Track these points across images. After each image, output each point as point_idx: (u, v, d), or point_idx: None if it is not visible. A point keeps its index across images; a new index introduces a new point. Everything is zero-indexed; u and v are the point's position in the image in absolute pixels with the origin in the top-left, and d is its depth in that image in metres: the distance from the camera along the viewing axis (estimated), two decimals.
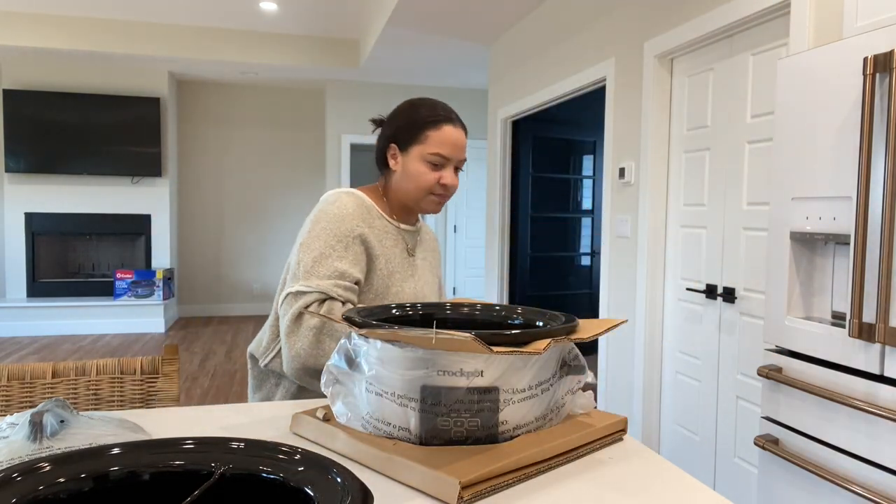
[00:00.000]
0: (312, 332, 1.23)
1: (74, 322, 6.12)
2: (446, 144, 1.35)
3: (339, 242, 1.29)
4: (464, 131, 1.40)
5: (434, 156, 1.35)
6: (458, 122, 1.40)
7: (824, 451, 1.55)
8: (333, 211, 1.31)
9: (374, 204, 1.40)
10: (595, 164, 5.51)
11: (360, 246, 1.31)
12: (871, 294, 1.42)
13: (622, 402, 3.24)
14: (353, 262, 1.30)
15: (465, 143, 1.40)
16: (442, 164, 1.36)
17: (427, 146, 1.35)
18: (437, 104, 1.40)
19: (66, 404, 0.89)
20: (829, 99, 1.55)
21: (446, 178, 1.37)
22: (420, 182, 1.36)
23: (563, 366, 0.93)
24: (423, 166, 1.36)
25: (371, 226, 1.36)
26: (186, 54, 5.78)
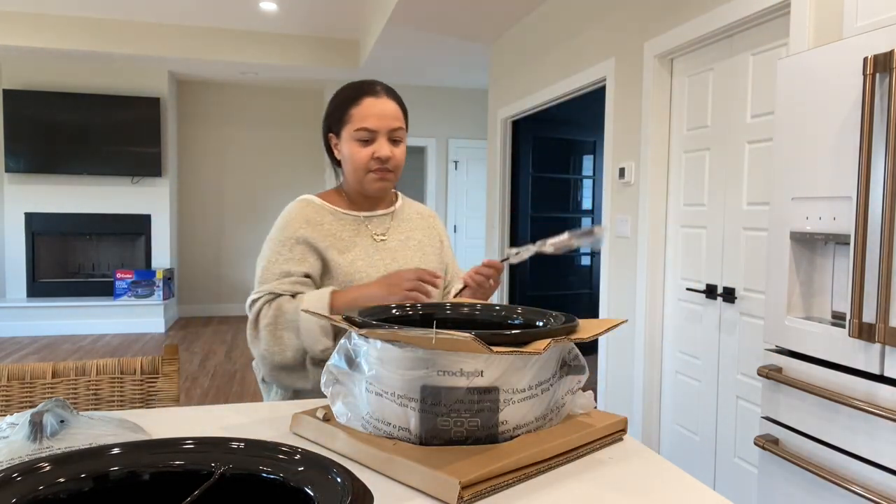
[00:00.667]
0: (267, 329, 1.27)
1: (74, 322, 6.12)
2: (369, 117, 1.32)
3: (282, 247, 1.34)
4: (393, 100, 1.36)
5: (360, 131, 1.33)
6: (381, 92, 1.36)
7: (824, 451, 1.55)
8: (278, 222, 1.38)
9: (325, 203, 1.40)
10: (595, 164, 5.51)
11: (303, 246, 1.34)
12: (871, 294, 1.42)
13: (622, 402, 3.24)
14: (299, 261, 1.33)
15: (394, 111, 1.36)
16: (371, 139, 1.34)
17: (353, 124, 1.34)
18: (362, 81, 1.38)
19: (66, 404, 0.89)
20: (829, 99, 1.55)
21: (378, 151, 1.33)
22: (355, 162, 1.35)
23: (563, 366, 0.93)
24: (355, 146, 1.34)
25: (318, 224, 1.37)
26: (186, 54, 5.78)
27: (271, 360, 1.28)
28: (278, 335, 1.27)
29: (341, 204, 1.43)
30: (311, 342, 1.25)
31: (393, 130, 1.35)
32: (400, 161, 1.38)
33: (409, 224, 1.49)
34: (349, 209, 1.42)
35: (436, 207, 7.15)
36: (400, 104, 1.38)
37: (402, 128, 1.37)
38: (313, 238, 1.34)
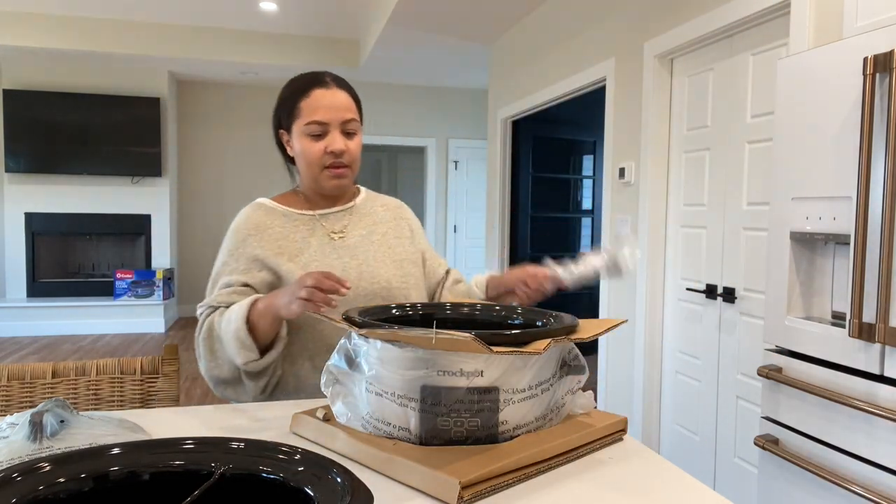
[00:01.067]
0: (203, 344, 1.23)
1: (74, 322, 6.12)
2: (319, 109, 1.25)
3: (229, 257, 1.29)
4: (344, 90, 1.29)
5: (311, 125, 1.26)
6: (331, 83, 1.28)
7: (824, 451, 1.55)
8: (229, 230, 1.33)
9: (278, 205, 1.34)
10: (595, 164, 5.51)
11: (248, 258, 1.27)
12: (871, 294, 1.42)
13: (622, 402, 3.24)
14: (243, 272, 1.27)
15: (346, 102, 1.28)
16: (324, 132, 1.26)
17: (303, 118, 1.26)
18: (311, 73, 1.31)
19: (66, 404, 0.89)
20: (829, 99, 1.55)
21: (332, 144, 1.25)
22: (308, 158, 1.28)
23: (563, 366, 0.93)
24: (306, 140, 1.27)
25: (267, 228, 1.30)
26: (186, 54, 5.78)
27: (210, 374, 1.23)
28: (213, 349, 1.22)
29: (296, 204, 1.36)
30: (233, 354, 1.18)
31: (346, 122, 1.27)
32: (355, 154, 1.31)
33: (372, 218, 1.40)
34: (304, 209, 1.34)
35: (436, 207, 7.15)
36: (352, 94, 1.31)
37: (356, 119, 1.29)
38: (260, 247, 1.28)
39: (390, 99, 6.90)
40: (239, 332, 1.15)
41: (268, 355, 1.19)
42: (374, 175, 9.10)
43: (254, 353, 1.16)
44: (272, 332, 1.18)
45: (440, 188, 7.15)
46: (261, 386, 1.22)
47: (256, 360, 1.17)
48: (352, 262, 1.31)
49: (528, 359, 0.85)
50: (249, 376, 1.21)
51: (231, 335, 1.16)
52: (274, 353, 1.19)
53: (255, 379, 1.21)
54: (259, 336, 1.16)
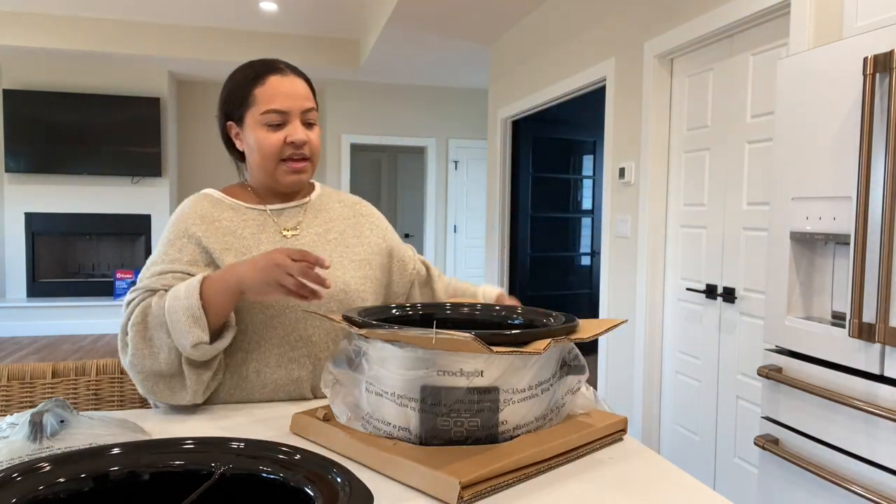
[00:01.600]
0: (135, 330, 1.07)
1: (74, 322, 6.12)
2: (277, 97, 1.15)
3: (170, 247, 1.17)
4: (300, 78, 1.20)
5: (268, 114, 1.16)
6: (287, 70, 1.19)
7: (824, 451, 1.55)
8: (170, 219, 1.22)
9: (225, 196, 1.23)
10: (595, 164, 5.51)
11: (193, 246, 1.16)
12: (871, 294, 1.42)
13: (622, 402, 3.24)
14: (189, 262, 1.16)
15: (304, 91, 1.19)
16: (283, 122, 1.16)
17: (258, 107, 1.16)
18: (261, 60, 1.21)
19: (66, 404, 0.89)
20: (829, 99, 1.55)
21: (293, 134, 1.16)
22: (265, 150, 1.17)
23: (563, 366, 0.93)
24: (262, 131, 1.16)
25: (214, 220, 1.19)
26: (186, 54, 5.78)
27: (142, 366, 1.07)
28: (148, 336, 1.07)
29: (246, 198, 1.25)
30: (180, 335, 1.04)
31: (306, 112, 1.18)
32: (316, 147, 1.21)
33: (328, 215, 1.29)
34: (254, 203, 1.24)
35: (435, 207, 7.15)
36: (309, 83, 1.22)
37: (315, 109, 1.21)
38: (206, 239, 1.17)
39: (390, 99, 6.90)
40: (192, 308, 1.03)
41: (219, 341, 1.08)
42: (373, 175, 9.09)
43: (205, 335, 1.04)
44: (224, 315, 1.07)
45: (440, 188, 7.15)
46: (203, 380, 1.09)
47: (207, 343, 1.05)
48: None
49: (528, 359, 0.85)
50: (192, 366, 1.08)
51: (180, 312, 1.04)
52: (225, 340, 1.09)
53: (197, 370, 1.08)
54: (212, 315, 1.05)
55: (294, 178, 1.20)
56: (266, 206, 1.24)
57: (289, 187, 1.21)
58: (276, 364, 1.16)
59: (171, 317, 1.05)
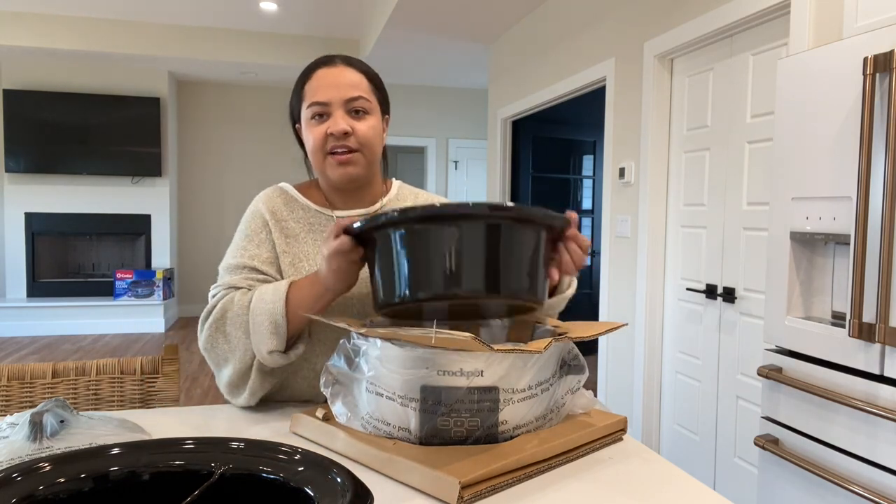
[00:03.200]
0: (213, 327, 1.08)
1: (74, 322, 6.12)
2: (320, 88, 1.10)
3: (250, 242, 1.15)
4: (353, 68, 1.13)
5: (311, 108, 1.11)
6: (339, 62, 1.13)
7: (824, 451, 1.55)
8: (247, 211, 1.20)
9: (299, 195, 1.19)
10: (595, 164, 5.51)
11: (269, 240, 1.15)
12: (871, 294, 1.42)
13: (622, 402, 3.24)
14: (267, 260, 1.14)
15: (353, 79, 1.12)
16: (325, 113, 1.10)
17: (305, 102, 1.13)
18: (323, 56, 1.16)
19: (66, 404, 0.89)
20: (829, 99, 1.55)
21: (332, 126, 1.09)
22: (310, 144, 1.12)
23: (563, 366, 0.93)
24: (309, 126, 1.12)
25: (282, 219, 1.16)
26: (186, 54, 5.78)
27: (215, 355, 1.09)
28: (226, 332, 1.07)
29: (316, 198, 1.21)
30: (259, 339, 1.03)
31: (351, 100, 1.10)
32: (366, 136, 1.11)
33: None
34: (323, 205, 1.19)
35: None
36: (367, 74, 1.15)
37: (365, 97, 1.12)
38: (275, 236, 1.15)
39: (390, 99, 6.90)
40: (275, 314, 1.01)
41: (293, 351, 1.06)
42: None
43: (282, 344, 1.03)
44: (304, 324, 1.05)
45: (440, 188, 7.15)
46: (266, 387, 1.09)
47: (281, 352, 1.04)
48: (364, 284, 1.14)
49: (528, 358, 0.85)
50: (260, 371, 1.06)
51: (264, 316, 1.02)
52: (298, 350, 1.07)
53: (263, 376, 1.07)
54: (293, 325, 1.03)
55: (340, 171, 1.11)
56: (333, 210, 1.19)
57: (339, 183, 1.13)
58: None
59: (255, 319, 1.03)
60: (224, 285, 1.11)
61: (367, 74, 1.15)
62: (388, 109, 1.21)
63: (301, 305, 1.02)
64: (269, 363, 1.04)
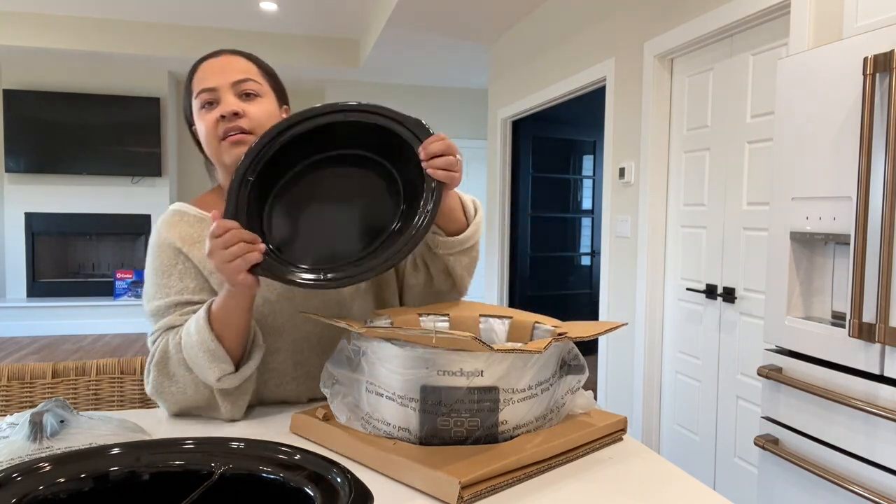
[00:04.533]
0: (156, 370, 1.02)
1: (74, 322, 6.12)
2: (206, 77, 1.06)
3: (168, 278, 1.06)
4: (240, 56, 1.10)
5: (200, 95, 1.06)
6: (224, 52, 1.10)
7: (824, 451, 1.55)
8: (151, 245, 1.10)
9: (199, 211, 1.12)
10: (595, 164, 5.51)
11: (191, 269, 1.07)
12: (871, 294, 1.42)
13: (622, 402, 3.24)
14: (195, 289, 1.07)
15: (238, 64, 1.08)
16: (214, 100, 1.06)
17: (193, 94, 1.08)
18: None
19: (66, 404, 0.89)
20: (829, 99, 1.55)
21: (222, 108, 1.05)
22: (202, 133, 1.07)
23: (563, 366, 0.93)
24: (200, 116, 1.07)
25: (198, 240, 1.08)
26: (186, 54, 5.79)
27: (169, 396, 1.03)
28: (170, 374, 1.02)
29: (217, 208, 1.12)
30: (203, 372, 0.99)
31: (238, 83, 1.06)
32: (259, 119, 1.06)
33: None
34: None
35: None
36: (254, 61, 1.11)
37: (255, 80, 1.08)
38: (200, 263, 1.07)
39: (390, 99, 6.90)
40: (206, 342, 0.97)
41: (245, 366, 1.01)
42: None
43: (228, 365, 0.98)
44: (242, 334, 1.00)
45: None
46: (240, 406, 1.04)
47: (232, 372, 0.99)
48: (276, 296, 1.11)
49: (528, 358, 0.85)
50: (225, 396, 1.02)
51: (197, 348, 0.97)
52: (252, 362, 1.02)
53: (230, 398, 1.02)
54: (228, 341, 0.98)
55: (236, 152, 1.04)
56: None
57: (231, 168, 1.06)
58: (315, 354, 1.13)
59: (189, 354, 0.99)
60: (162, 328, 1.04)
61: (256, 62, 1.11)
62: (287, 101, 1.15)
63: (227, 319, 0.97)
64: (228, 386, 1.01)
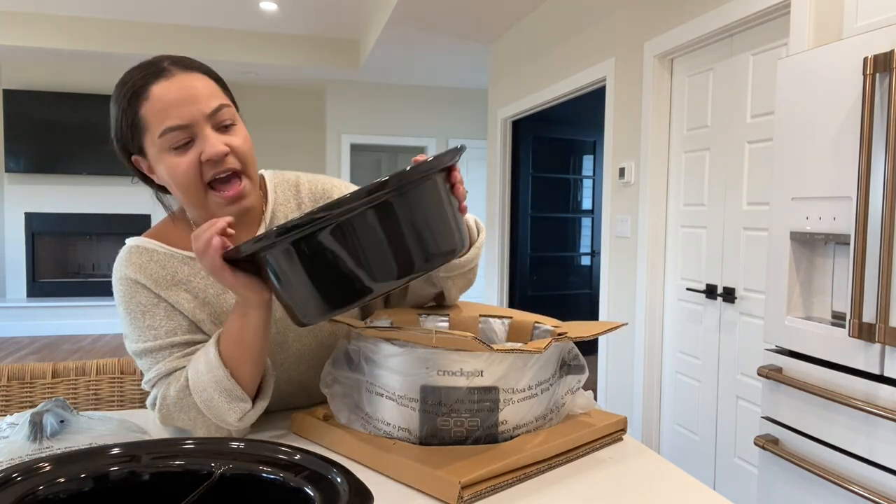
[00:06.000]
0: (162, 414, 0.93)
1: (74, 322, 6.12)
2: (169, 109, 0.88)
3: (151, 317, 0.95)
4: (195, 72, 0.92)
5: (167, 136, 0.89)
6: (174, 69, 0.90)
7: (824, 451, 1.55)
8: (118, 290, 0.97)
9: (165, 247, 0.99)
10: (595, 164, 5.51)
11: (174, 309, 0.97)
12: (871, 294, 1.42)
13: (622, 402, 3.24)
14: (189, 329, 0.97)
15: (204, 88, 0.90)
16: (189, 138, 0.90)
17: (152, 131, 0.90)
18: (138, 67, 0.92)
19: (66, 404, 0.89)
20: (829, 99, 1.55)
21: (206, 149, 0.89)
22: (180, 180, 0.91)
23: (563, 366, 0.93)
24: (169, 157, 0.90)
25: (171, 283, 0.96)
26: (186, 54, 5.78)
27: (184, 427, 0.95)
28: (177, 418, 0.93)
29: (185, 241, 1.00)
30: (220, 414, 0.90)
31: (214, 113, 0.90)
32: (244, 151, 0.93)
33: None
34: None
35: None
36: (209, 74, 0.94)
37: (227, 104, 0.93)
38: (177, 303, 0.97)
39: (390, 99, 6.90)
40: (220, 380, 0.88)
41: (261, 401, 0.93)
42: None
43: (246, 402, 0.90)
44: (258, 365, 0.91)
45: None
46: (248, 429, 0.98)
47: (251, 409, 0.91)
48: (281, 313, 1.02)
49: (527, 358, 0.85)
50: (241, 431, 0.94)
51: (210, 390, 0.88)
52: (267, 393, 0.94)
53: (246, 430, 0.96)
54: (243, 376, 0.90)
55: (234, 210, 0.93)
56: None
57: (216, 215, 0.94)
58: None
59: (202, 397, 0.89)
60: (162, 374, 0.94)
61: (211, 75, 0.94)
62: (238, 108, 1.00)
63: (241, 349, 0.88)
64: (247, 424, 0.93)
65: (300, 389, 1.11)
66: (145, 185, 1.00)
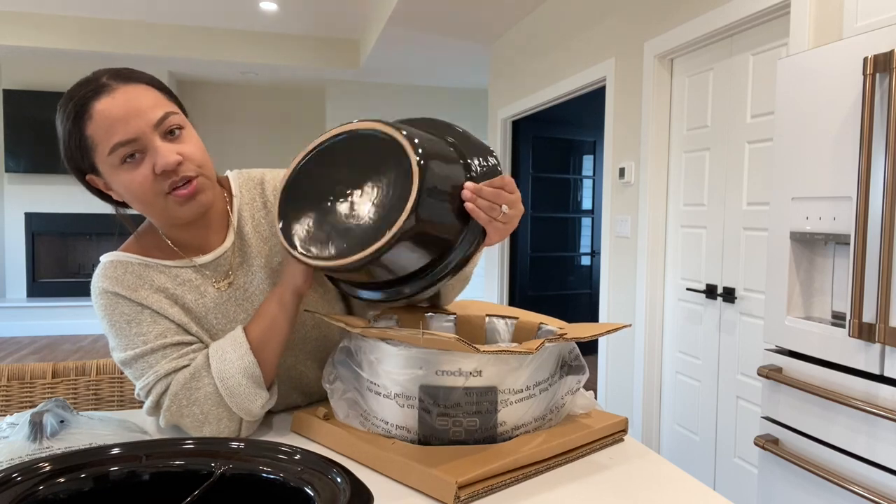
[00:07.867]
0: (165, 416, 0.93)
1: (74, 322, 6.12)
2: (115, 125, 0.86)
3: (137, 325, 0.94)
4: (136, 83, 0.90)
5: (115, 153, 0.87)
6: (113, 83, 0.88)
7: (824, 451, 1.55)
8: (100, 306, 0.96)
9: (142, 258, 0.98)
10: (595, 164, 5.51)
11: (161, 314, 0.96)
12: (871, 294, 1.42)
13: (622, 402, 3.24)
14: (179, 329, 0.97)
15: (146, 99, 0.89)
16: (140, 150, 0.88)
17: (100, 150, 0.88)
18: (77, 84, 0.89)
19: (66, 404, 0.89)
20: (829, 99, 1.55)
21: (159, 161, 0.88)
22: (137, 195, 0.90)
23: (563, 366, 0.93)
24: (123, 174, 0.89)
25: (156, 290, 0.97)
26: (186, 54, 5.78)
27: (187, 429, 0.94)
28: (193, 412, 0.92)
29: (163, 252, 1.00)
30: (243, 401, 0.91)
31: (160, 122, 0.89)
32: (196, 155, 0.92)
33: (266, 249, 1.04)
34: (173, 257, 1.00)
35: None
36: (151, 84, 0.92)
37: (173, 111, 0.91)
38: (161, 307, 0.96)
39: (390, 99, 6.90)
40: (249, 368, 0.90)
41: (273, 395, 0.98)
42: None
43: (266, 392, 0.94)
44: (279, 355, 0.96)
45: None
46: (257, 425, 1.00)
47: (269, 399, 0.95)
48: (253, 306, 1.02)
49: (524, 358, 0.85)
50: (251, 424, 0.95)
51: (239, 376, 0.90)
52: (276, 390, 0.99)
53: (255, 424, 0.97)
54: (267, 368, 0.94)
55: (193, 205, 0.92)
56: (192, 258, 1.00)
57: (194, 216, 0.94)
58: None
59: (228, 384, 0.90)
60: (161, 375, 0.92)
61: (154, 83, 0.93)
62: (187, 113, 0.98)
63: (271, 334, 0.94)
64: (259, 416, 0.95)
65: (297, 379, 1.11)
66: (104, 202, 0.98)
